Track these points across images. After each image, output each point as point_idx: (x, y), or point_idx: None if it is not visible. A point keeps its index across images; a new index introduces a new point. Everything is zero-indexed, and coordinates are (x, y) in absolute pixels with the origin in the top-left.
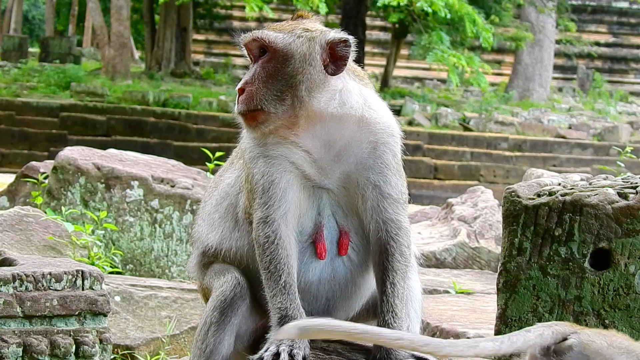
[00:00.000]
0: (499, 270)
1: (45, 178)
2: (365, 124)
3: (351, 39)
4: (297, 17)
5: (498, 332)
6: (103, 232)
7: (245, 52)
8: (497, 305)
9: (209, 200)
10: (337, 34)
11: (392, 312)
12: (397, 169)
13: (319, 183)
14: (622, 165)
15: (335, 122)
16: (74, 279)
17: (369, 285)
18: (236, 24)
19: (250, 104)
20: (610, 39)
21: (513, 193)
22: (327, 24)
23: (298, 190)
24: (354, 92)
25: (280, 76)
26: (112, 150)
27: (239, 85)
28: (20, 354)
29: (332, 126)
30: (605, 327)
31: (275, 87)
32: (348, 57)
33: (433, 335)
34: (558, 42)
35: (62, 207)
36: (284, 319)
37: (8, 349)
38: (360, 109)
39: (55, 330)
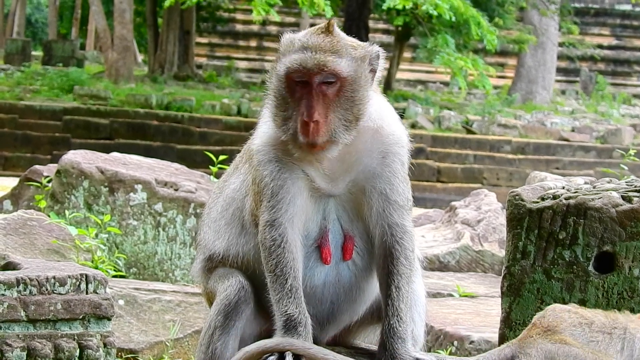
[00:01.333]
0: (503, 274)
1: (48, 181)
2: (378, 135)
3: (381, 50)
4: (330, 27)
5: (502, 336)
6: (107, 235)
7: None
8: (501, 308)
9: (213, 206)
10: (376, 47)
11: (397, 316)
12: (404, 176)
13: (328, 192)
14: (626, 168)
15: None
16: (77, 283)
17: (373, 289)
18: (239, 27)
19: (324, 136)
20: (613, 41)
21: (517, 196)
22: None
23: (306, 195)
24: (371, 102)
25: (348, 104)
26: (115, 154)
27: (309, 117)
28: (24, 358)
29: (352, 140)
30: None
31: (344, 116)
32: (377, 70)
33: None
34: (561, 44)
35: (66, 211)
36: (289, 323)
37: (12, 352)
38: (377, 120)
39: (59, 334)
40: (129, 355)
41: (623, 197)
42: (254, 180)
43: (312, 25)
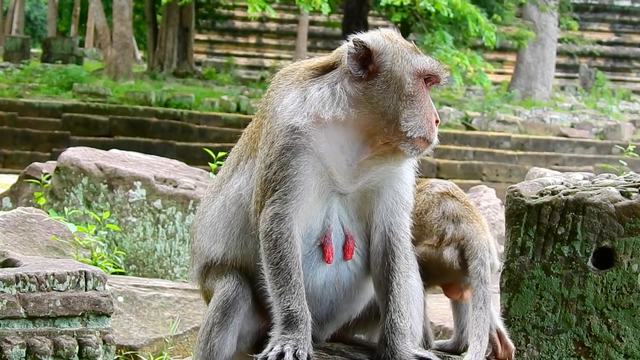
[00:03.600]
0: (502, 270)
1: (47, 179)
2: None
3: None
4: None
5: None
6: (106, 232)
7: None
8: (500, 304)
9: (207, 211)
10: None
11: (398, 312)
12: (413, 177)
13: (342, 190)
14: (625, 163)
15: None
16: (77, 280)
17: (371, 287)
18: (238, 24)
19: None
20: (613, 37)
21: (516, 192)
22: (329, 24)
23: (317, 193)
24: None
25: None
26: (114, 151)
27: (437, 116)
28: (24, 355)
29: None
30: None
31: None
32: None
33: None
34: (560, 40)
35: (65, 208)
36: (290, 319)
37: (11, 350)
38: None
39: (59, 331)
40: (129, 352)
41: (622, 193)
42: (270, 166)
43: (311, 22)
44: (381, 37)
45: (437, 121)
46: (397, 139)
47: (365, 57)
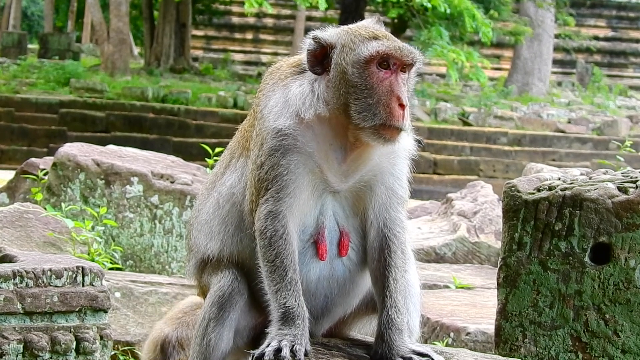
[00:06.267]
0: (499, 265)
1: (44, 174)
2: None
3: None
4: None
5: (498, 327)
6: (103, 228)
7: (398, 64)
8: (498, 300)
9: (202, 208)
10: None
11: (395, 307)
12: (407, 170)
13: (335, 188)
14: (622, 159)
15: None
16: (74, 275)
17: (366, 281)
18: (235, 19)
19: (407, 122)
20: (609, 33)
21: (513, 188)
22: (326, 20)
23: (310, 190)
24: None
25: (409, 95)
26: (111, 147)
27: (404, 101)
28: (21, 351)
29: None
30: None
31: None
32: None
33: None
34: (557, 36)
35: (62, 204)
36: (287, 316)
37: (8, 345)
38: None
39: (56, 327)
40: (126, 348)
41: (619, 188)
42: (261, 166)
43: (308, 18)
44: (340, 31)
45: (402, 105)
46: (359, 131)
47: (324, 53)
